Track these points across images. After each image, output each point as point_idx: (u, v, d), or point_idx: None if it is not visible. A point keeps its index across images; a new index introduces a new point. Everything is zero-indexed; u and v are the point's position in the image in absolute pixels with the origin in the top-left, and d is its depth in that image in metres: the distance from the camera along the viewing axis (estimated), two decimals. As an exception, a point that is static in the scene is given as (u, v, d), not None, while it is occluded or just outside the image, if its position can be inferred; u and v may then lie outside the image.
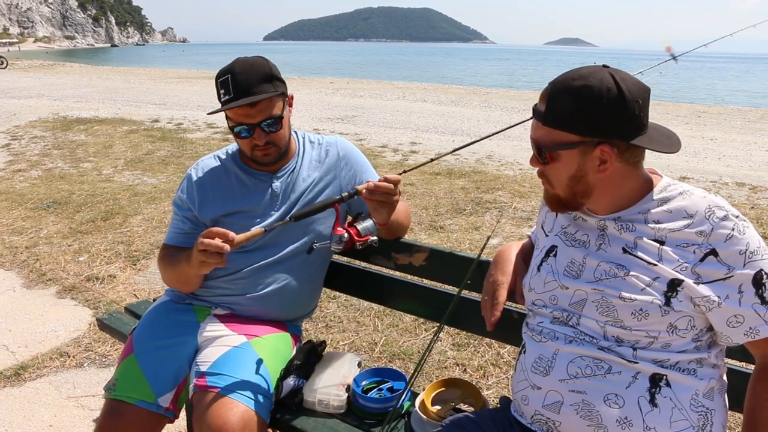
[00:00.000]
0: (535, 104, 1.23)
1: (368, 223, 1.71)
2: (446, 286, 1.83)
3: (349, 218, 1.72)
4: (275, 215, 1.77)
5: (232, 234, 1.47)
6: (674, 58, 1.72)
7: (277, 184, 1.79)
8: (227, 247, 1.45)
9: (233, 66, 1.66)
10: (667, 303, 1.15)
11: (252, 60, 1.69)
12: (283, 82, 1.73)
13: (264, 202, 1.78)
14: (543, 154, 1.21)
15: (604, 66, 1.18)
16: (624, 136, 1.15)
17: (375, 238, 1.70)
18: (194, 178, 1.81)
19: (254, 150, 1.72)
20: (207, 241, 1.45)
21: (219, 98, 1.69)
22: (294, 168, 1.82)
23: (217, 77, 1.68)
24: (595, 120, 1.14)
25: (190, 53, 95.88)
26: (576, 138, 1.16)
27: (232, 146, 1.87)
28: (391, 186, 1.51)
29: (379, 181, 1.51)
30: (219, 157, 1.85)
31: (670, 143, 1.20)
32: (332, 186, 1.84)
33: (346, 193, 1.51)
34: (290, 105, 1.78)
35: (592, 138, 1.15)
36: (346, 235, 1.62)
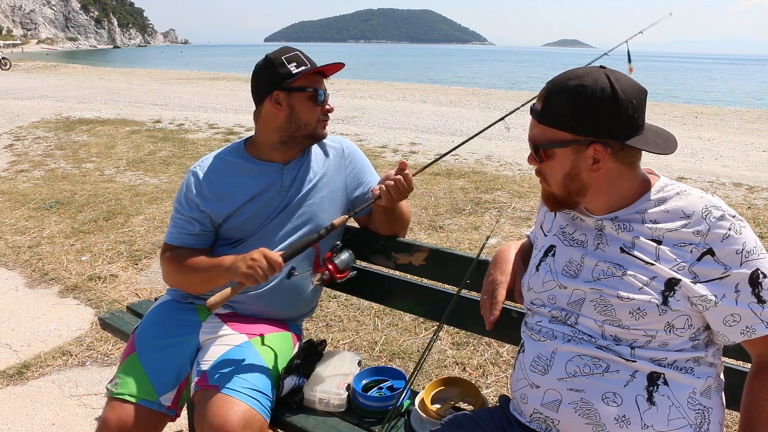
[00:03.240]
0: (533, 103, 1.25)
1: (345, 256, 1.72)
2: (446, 286, 1.84)
3: (328, 254, 1.73)
4: (282, 203, 1.79)
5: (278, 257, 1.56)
6: (606, 54, 1.92)
7: (285, 175, 1.81)
8: (279, 261, 1.55)
9: (290, 47, 1.79)
10: (665, 302, 1.16)
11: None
12: None
13: (273, 191, 1.80)
14: (539, 151, 1.23)
15: (601, 67, 1.20)
16: (617, 136, 1.16)
17: (354, 273, 1.79)
18: (202, 176, 1.81)
19: (320, 120, 1.81)
20: (258, 262, 1.55)
21: (280, 75, 1.72)
22: (301, 160, 1.84)
23: (279, 55, 1.74)
24: (588, 119, 1.15)
25: (189, 54, 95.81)
26: (570, 136, 1.17)
27: (232, 144, 1.89)
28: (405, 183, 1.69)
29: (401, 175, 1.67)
30: (220, 155, 1.86)
31: (665, 145, 1.20)
32: (337, 181, 1.86)
33: (324, 230, 1.64)
34: None
35: (585, 137, 1.16)
36: (327, 273, 1.69)
